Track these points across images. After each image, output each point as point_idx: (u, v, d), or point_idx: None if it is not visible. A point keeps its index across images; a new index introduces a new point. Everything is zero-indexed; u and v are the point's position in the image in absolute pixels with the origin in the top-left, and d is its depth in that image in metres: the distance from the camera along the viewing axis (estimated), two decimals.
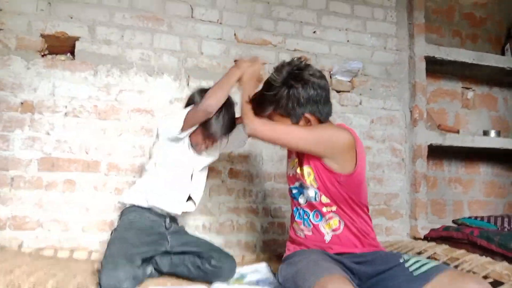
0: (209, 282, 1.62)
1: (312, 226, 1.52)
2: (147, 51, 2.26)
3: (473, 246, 1.99)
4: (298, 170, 1.52)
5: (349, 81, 2.58)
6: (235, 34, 2.41)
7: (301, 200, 1.55)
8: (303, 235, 1.55)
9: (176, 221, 1.85)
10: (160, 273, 1.71)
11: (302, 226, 1.55)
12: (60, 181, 2.08)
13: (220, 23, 2.39)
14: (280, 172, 2.39)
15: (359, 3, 2.66)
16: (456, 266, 1.69)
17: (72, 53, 2.21)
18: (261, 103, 1.53)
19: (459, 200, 2.91)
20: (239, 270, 1.72)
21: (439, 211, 2.85)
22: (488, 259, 1.74)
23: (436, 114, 2.91)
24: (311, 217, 1.52)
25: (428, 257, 1.81)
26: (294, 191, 1.58)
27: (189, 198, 1.87)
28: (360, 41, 2.64)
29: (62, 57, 2.23)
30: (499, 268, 1.58)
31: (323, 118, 1.49)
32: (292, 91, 1.43)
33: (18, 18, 2.10)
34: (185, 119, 1.65)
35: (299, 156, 1.54)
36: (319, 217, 1.51)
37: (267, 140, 1.56)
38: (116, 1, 2.23)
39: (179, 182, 1.79)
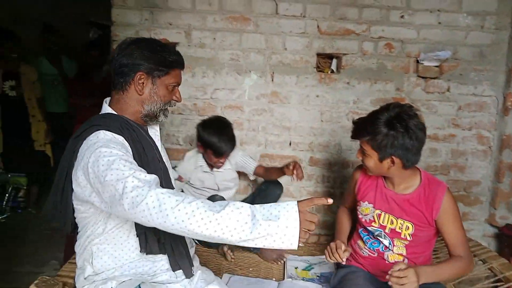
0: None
1: (377, 254, 1.83)
2: (236, 51, 2.58)
3: None
4: (388, 224, 1.79)
5: (437, 66, 2.62)
6: (318, 26, 2.57)
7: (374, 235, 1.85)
8: (366, 254, 1.87)
9: None
10: None
11: (366, 249, 1.86)
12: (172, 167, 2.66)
13: (304, 17, 2.56)
14: (358, 160, 2.66)
15: None
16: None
17: None
18: (360, 128, 1.73)
19: None
20: (309, 260, 2.18)
21: None
22: None
23: None
24: (380, 246, 1.82)
25: (487, 268, 2.02)
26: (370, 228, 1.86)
27: None
28: (453, 22, 2.60)
29: None
30: None
31: (408, 165, 1.68)
32: (392, 132, 1.61)
33: (127, 29, 2.55)
34: None
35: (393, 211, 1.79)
36: (387, 248, 1.80)
37: None
38: (207, 5, 2.54)
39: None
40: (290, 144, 2.67)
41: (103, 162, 1.25)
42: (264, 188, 2.50)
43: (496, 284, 1.90)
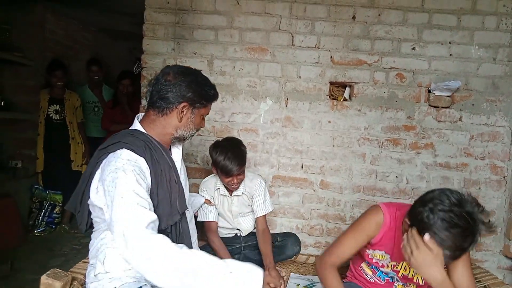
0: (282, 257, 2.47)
1: (385, 282, 1.84)
2: (253, 79, 2.82)
3: None
4: (402, 270, 1.75)
5: (448, 96, 2.73)
6: (331, 57, 2.78)
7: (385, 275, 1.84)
8: (373, 280, 1.86)
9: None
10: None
11: (375, 277, 1.86)
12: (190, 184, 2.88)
13: (318, 48, 2.78)
14: (368, 185, 2.78)
15: (468, 13, 2.71)
16: None
17: None
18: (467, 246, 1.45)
19: None
20: (312, 279, 2.28)
21: None
22: None
23: None
24: (390, 277, 1.82)
25: None
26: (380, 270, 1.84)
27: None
28: (465, 54, 2.72)
29: None
30: None
31: None
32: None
33: (156, 57, 2.86)
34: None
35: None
36: (398, 282, 1.82)
37: None
38: (229, 37, 2.81)
39: (223, 223, 2.53)
40: (302, 167, 2.83)
41: (117, 186, 1.42)
42: (280, 241, 2.53)
43: None
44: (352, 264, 2.03)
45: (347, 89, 2.85)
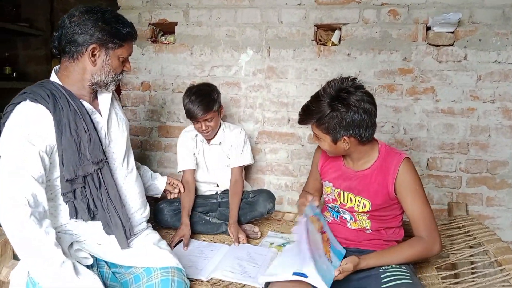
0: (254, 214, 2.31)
1: (340, 221, 1.76)
2: (232, 28, 2.61)
3: None
4: (348, 202, 1.70)
5: (451, 32, 2.37)
6: None
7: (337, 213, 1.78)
8: (330, 220, 1.80)
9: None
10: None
11: (331, 217, 1.80)
12: (173, 144, 2.77)
13: None
14: None
15: None
16: None
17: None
18: (306, 113, 1.63)
19: None
20: (289, 237, 2.13)
21: None
22: None
23: None
24: (343, 215, 1.74)
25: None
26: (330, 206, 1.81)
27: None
28: None
29: (171, 37, 2.78)
30: None
31: (364, 140, 1.58)
32: (336, 113, 1.52)
33: (131, 12, 2.72)
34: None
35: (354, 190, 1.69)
36: (349, 220, 1.73)
37: None
38: None
39: (201, 175, 2.40)
40: (288, 121, 2.62)
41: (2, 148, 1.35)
42: (252, 197, 2.35)
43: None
44: None
45: (337, 32, 2.56)
